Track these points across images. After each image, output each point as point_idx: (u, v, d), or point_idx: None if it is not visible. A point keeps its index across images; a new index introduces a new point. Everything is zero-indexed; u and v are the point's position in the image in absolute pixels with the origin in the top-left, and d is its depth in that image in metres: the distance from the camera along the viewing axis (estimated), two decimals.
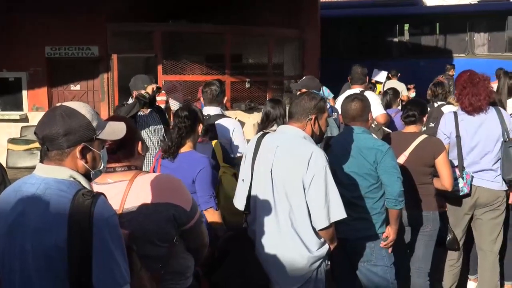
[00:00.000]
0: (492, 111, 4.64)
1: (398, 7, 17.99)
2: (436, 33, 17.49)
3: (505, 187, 4.68)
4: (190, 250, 2.68)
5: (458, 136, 4.61)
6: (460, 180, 4.55)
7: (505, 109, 5.66)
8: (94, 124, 2.11)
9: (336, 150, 3.89)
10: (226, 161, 4.22)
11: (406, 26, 18.07)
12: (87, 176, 2.13)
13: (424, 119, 4.50)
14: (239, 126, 4.98)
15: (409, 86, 12.86)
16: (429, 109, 5.25)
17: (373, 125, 6.35)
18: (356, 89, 6.54)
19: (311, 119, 3.34)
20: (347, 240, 3.78)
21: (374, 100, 6.43)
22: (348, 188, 3.77)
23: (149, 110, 5.49)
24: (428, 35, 17.59)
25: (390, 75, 13.98)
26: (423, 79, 12.07)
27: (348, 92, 6.59)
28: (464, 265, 5.06)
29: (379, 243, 3.85)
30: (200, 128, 3.88)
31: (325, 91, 9.24)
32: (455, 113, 4.70)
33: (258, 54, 12.92)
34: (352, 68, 6.82)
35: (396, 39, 17.98)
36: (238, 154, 4.77)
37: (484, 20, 16.92)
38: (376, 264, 3.86)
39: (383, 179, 3.77)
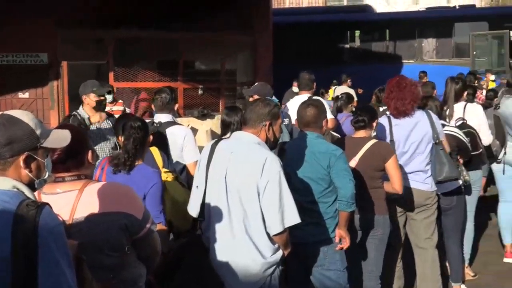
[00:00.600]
0: (423, 114, 4.78)
1: (349, 14, 18.31)
2: (386, 40, 17.84)
3: (434, 188, 4.83)
4: (142, 259, 2.65)
5: (392, 141, 4.74)
6: None
7: (451, 114, 5.85)
8: (38, 132, 2.07)
9: (290, 155, 3.93)
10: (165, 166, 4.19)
11: (357, 33, 18.40)
12: (31, 186, 2.09)
13: (374, 124, 4.58)
14: (190, 133, 4.97)
15: (359, 90, 13.08)
16: None
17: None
18: (304, 95, 6.61)
19: (266, 125, 3.37)
20: (300, 244, 3.81)
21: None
22: (302, 193, 3.81)
23: (104, 118, 5.42)
24: (378, 41, 17.95)
25: (341, 80, 14.19)
26: (374, 85, 12.29)
27: (297, 99, 6.69)
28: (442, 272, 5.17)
29: (332, 247, 3.90)
30: (149, 140, 3.86)
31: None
32: (389, 118, 4.84)
33: (210, 60, 12.92)
34: (299, 75, 6.90)
35: (347, 45, 18.27)
36: (190, 161, 4.76)
37: (432, 27, 17.36)
38: (329, 268, 3.90)
39: (336, 182, 3.84)
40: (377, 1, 26.96)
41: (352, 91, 11.84)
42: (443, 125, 5.29)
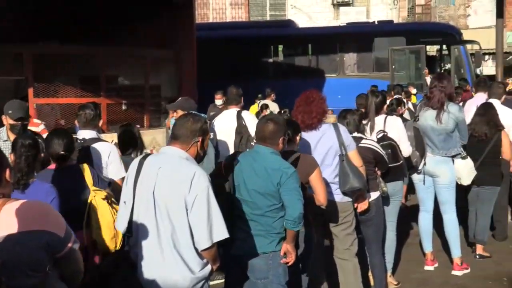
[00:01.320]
0: (329, 127, 4.95)
1: (272, 29, 18.54)
2: (308, 54, 18.16)
3: (347, 199, 4.99)
4: (65, 278, 2.60)
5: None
6: None
7: (373, 126, 6.03)
8: None
9: (243, 167, 3.96)
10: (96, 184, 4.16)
11: (280, 47, 18.64)
12: None
13: (297, 138, 4.65)
14: (115, 149, 4.92)
15: (284, 109, 13.23)
16: None
17: (252, 143, 6.54)
18: (232, 110, 6.71)
19: (198, 141, 3.42)
20: (245, 256, 3.86)
21: (251, 119, 6.63)
22: (249, 205, 3.87)
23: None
24: (301, 56, 18.25)
25: (265, 94, 14.33)
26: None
27: (225, 114, 6.74)
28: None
29: (276, 260, 3.93)
30: (40, 157, 3.82)
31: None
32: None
33: (134, 75, 12.77)
34: (227, 89, 6.95)
35: (271, 60, 18.49)
36: (117, 178, 4.72)
37: (352, 41, 17.81)
38: (272, 281, 3.93)
39: (285, 200, 3.88)
40: (300, 17, 27.50)
41: (275, 105, 12.00)
42: (361, 138, 5.48)
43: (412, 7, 29.24)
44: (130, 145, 5.50)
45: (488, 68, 23.84)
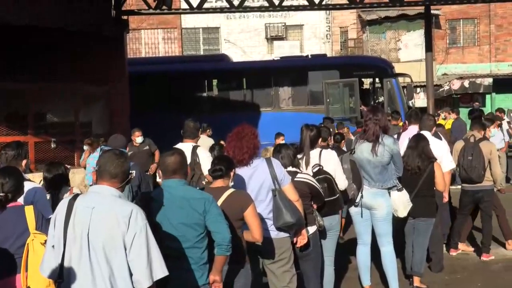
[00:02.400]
0: (262, 162, 4.99)
1: (206, 63, 18.58)
2: (243, 88, 18.26)
3: (283, 235, 5.01)
4: None
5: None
6: None
7: (308, 160, 6.09)
8: None
9: (160, 203, 3.93)
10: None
11: (215, 82, 18.70)
12: None
13: (231, 173, 4.64)
14: (41, 190, 4.80)
15: (221, 142, 13.22)
16: None
17: (203, 181, 6.52)
18: (188, 144, 6.76)
19: (130, 179, 3.46)
20: None
21: (206, 157, 6.67)
22: (176, 240, 3.85)
23: None
24: (236, 90, 18.32)
25: (201, 130, 14.28)
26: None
27: (181, 147, 6.69)
28: None
29: None
30: None
31: None
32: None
33: (64, 112, 12.54)
34: (184, 123, 6.98)
35: (205, 94, 18.50)
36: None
37: (287, 75, 18.05)
38: None
39: (212, 227, 3.93)
40: (233, 51, 27.79)
41: (211, 141, 11.96)
42: (296, 172, 5.52)
43: (344, 41, 30.06)
44: (59, 185, 5.38)
45: (420, 100, 24.63)
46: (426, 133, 7.39)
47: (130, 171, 3.51)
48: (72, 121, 12.16)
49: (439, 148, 7.29)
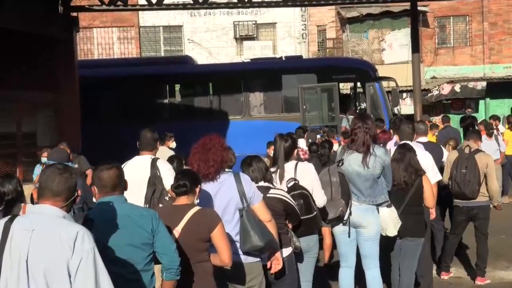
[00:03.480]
0: (229, 177, 5.01)
1: (167, 66, 18.54)
2: (209, 94, 18.27)
3: (253, 259, 5.01)
4: None
5: None
6: None
7: (282, 174, 6.10)
8: None
9: (101, 224, 3.88)
10: None
11: (177, 87, 18.68)
12: None
13: (197, 189, 4.62)
14: None
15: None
16: None
17: (166, 198, 6.49)
18: (146, 157, 6.72)
19: (77, 196, 3.44)
20: None
21: (168, 170, 6.65)
22: (123, 264, 3.82)
23: None
24: (201, 96, 18.32)
25: (163, 140, 14.21)
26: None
27: (137, 160, 6.70)
28: None
29: None
30: None
31: None
32: None
33: (4, 122, 12.39)
34: (141, 133, 6.96)
35: (166, 101, 18.45)
36: None
37: (258, 79, 18.10)
38: None
39: (161, 248, 3.96)
40: (198, 52, 27.79)
41: (171, 153, 11.91)
42: (269, 188, 5.53)
43: (322, 41, 30.26)
44: (11, 201, 5.35)
45: (407, 106, 24.87)
46: (408, 143, 7.40)
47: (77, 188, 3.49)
48: (14, 132, 12.02)
49: (423, 158, 7.36)
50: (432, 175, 7.33)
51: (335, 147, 10.88)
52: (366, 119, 6.46)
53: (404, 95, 26.04)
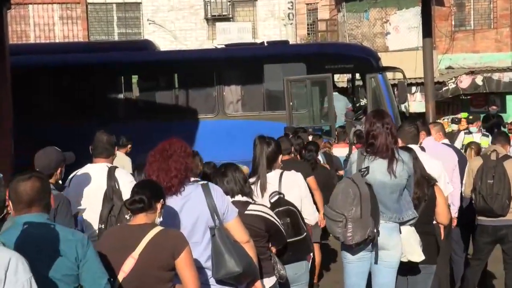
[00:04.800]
0: (196, 189, 5.01)
1: (121, 53, 18.42)
2: (174, 88, 18.22)
3: None
4: None
5: None
6: None
7: (264, 186, 6.09)
8: None
9: (16, 248, 3.80)
10: None
11: (135, 79, 18.60)
12: None
13: (159, 205, 4.59)
14: None
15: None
16: None
17: (127, 216, 6.46)
18: (101, 165, 6.75)
19: (6, 213, 3.47)
20: None
21: (128, 181, 6.64)
22: None
23: None
24: (164, 91, 18.26)
25: (119, 144, 14.13)
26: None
27: (89, 168, 6.71)
28: None
29: None
30: None
31: None
32: None
33: None
34: (95, 136, 6.95)
35: (121, 96, 18.36)
36: None
37: (235, 70, 18.08)
38: None
39: (88, 282, 3.95)
40: (160, 36, 27.74)
41: (128, 160, 11.86)
42: (247, 203, 5.52)
43: (313, 22, 30.33)
44: None
45: (416, 103, 24.99)
46: (413, 147, 7.38)
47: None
48: None
49: (431, 165, 7.36)
50: (442, 187, 7.35)
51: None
52: (385, 116, 6.45)
53: (414, 89, 26.16)
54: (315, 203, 7.35)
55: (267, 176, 6.16)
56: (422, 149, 7.67)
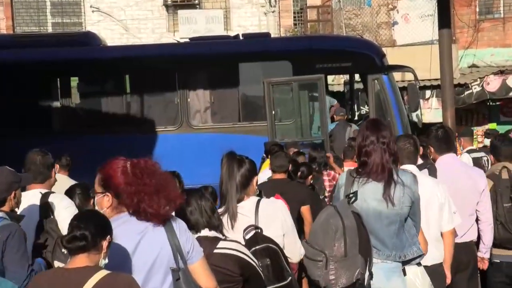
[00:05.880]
0: (156, 225, 5.02)
1: (57, 49, 18.37)
2: (125, 93, 18.19)
3: None
4: None
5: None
6: None
7: (234, 217, 6.12)
8: None
9: None
10: None
11: (74, 81, 18.55)
12: None
13: (105, 244, 4.62)
14: None
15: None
16: None
17: (64, 250, 6.48)
18: (35, 191, 6.89)
19: None
20: None
21: (71, 210, 6.74)
22: None
23: None
24: (112, 96, 18.21)
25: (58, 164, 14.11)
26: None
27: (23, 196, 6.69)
28: None
29: None
30: None
31: None
32: None
33: None
34: (27, 156, 7.09)
35: (57, 103, 18.30)
36: None
37: (203, 70, 18.10)
38: None
39: None
40: (107, 27, 27.72)
41: (69, 181, 11.85)
42: (217, 239, 5.55)
43: (301, 10, 30.40)
44: None
45: (432, 111, 25.04)
46: (410, 167, 7.44)
47: None
48: None
49: (432, 191, 7.43)
50: (447, 218, 7.40)
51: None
52: (381, 129, 6.47)
53: (428, 93, 26.18)
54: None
55: (240, 205, 6.17)
56: (431, 168, 7.77)
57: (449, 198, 7.53)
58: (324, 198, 11.93)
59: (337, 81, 22.78)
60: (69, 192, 8.35)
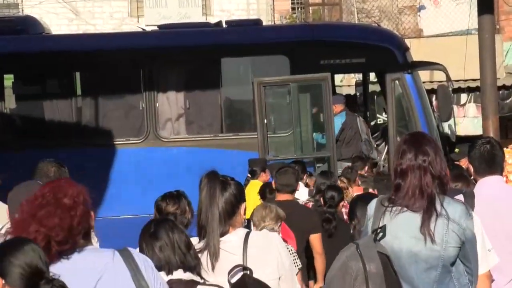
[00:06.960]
0: (115, 258, 5.04)
1: None
2: (75, 95, 18.21)
3: None
4: None
5: None
6: None
7: (215, 254, 6.10)
8: None
9: None
10: None
11: (8, 80, 18.56)
12: None
13: None
14: None
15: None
16: None
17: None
18: None
19: None
20: None
21: None
22: None
23: None
24: (58, 99, 18.23)
25: None
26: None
27: None
28: None
29: None
30: None
31: None
32: None
33: None
34: (39, 166, 7.41)
35: None
36: None
37: (175, 67, 18.16)
38: None
39: None
40: (51, 10, 27.79)
41: (3, 207, 11.90)
42: (194, 284, 5.56)
43: None
44: None
45: (468, 119, 25.15)
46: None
47: None
48: None
49: None
50: (481, 255, 7.32)
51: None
52: (422, 143, 6.35)
53: (464, 97, 26.35)
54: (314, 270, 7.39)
55: (224, 240, 6.14)
56: (467, 194, 7.74)
57: (482, 232, 7.39)
58: None
59: (346, 82, 22.78)
60: None
